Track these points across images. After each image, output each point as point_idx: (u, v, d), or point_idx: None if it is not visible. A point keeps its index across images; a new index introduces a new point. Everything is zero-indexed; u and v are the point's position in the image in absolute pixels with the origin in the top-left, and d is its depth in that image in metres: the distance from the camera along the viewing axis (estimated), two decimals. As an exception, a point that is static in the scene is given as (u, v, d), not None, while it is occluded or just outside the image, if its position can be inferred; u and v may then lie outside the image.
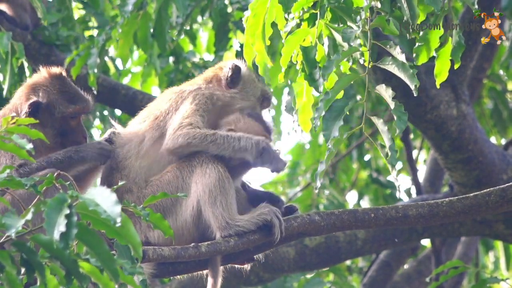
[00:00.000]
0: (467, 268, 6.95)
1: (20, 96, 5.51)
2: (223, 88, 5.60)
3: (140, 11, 8.07)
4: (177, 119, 5.36)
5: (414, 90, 4.78)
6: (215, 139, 5.24)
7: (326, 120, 4.82)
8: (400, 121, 4.77)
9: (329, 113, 4.84)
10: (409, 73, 4.83)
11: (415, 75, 4.81)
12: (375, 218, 5.25)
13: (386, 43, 4.92)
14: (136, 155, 5.36)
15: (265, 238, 5.13)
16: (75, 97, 5.50)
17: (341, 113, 4.83)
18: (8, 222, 3.52)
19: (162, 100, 5.57)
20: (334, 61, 4.87)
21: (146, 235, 5.21)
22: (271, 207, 5.15)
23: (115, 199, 3.55)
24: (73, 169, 5.29)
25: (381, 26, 4.91)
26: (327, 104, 4.84)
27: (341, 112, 4.83)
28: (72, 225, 3.47)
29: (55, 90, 5.48)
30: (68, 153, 5.32)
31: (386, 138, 4.79)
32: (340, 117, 4.82)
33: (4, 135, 3.94)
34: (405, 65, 4.84)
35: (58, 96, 5.46)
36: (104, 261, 3.54)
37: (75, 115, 5.49)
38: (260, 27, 5.29)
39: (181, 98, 5.48)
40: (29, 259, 3.54)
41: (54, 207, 3.51)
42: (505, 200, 5.28)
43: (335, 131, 4.79)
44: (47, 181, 3.90)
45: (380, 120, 4.85)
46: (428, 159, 10.64)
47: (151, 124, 5.43)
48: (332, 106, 4.85)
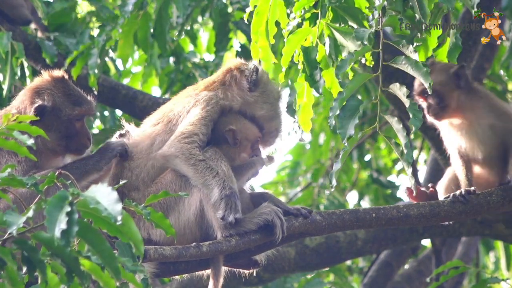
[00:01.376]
0: (468, 268, 6.94)
1: (23, 100, 5.46)
2: (244, 92, 5.54)
3: (141, 11, 8.07)
4: (182, 126, 5.36)
5: (428, 88, 4.82)
6: (197, 165, 5.19)
7: (341, 119, 4.86)
8: (415, 119, 4.81)
9: (343, 112, 4.88)
10: (422, 71, 4.86)
11: (428, 73, 4.84)
12: (377, 218, 5.25)
13: (398, 42, 4.94)
14: (147, 156, 5.37)
15: (267, 238, 5.13)
16: (80, 100, 5.50)
17: (356, 112, 4.88)
18: (9, 220, 3.53)
19: (178, 101, 5.55)
20: (347, 60, 4.91)
21: (149, 233, 5.21)
22: (273, 207, 5.14)
23: (116, 197, 3.56)
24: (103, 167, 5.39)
25: (393, 26, 4.94)
26: (341, 103, 4.86)
27: (356, 110, 4.88)
28: (73, 223, 3.47)
29: (59, 93, 5.46)
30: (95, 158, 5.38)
31: (401, 136, 4.83)
32: (355, 116, 4.87)
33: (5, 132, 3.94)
34: (418, 64, 4.87)
35: (63, 99, 5.45)
36: (105, 259, 3.55)
37: (80, 117, 5.49)
38: (263, 25, 5.28)
39: (196, 102, 5.45)
40: (31, 257, 3.54)
41: (55, 204, 3.52)
42: (506, 200, 5.30)
43: (350, 130, 4.84)
44: (48, 180, 3.90)
45: (395, 119, 4.89)
46: (429, 159, 10.64)
47: (164, 128, 5.44)
48: (346, 105, 4.89)
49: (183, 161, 5.22)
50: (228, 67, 5.64)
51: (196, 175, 5.19)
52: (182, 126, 5.36)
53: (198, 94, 5.49)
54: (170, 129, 5.41)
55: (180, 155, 5.23)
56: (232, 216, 5.05)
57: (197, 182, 5.19)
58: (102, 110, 9.21)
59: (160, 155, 5.30)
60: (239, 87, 5.53)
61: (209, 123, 5.39)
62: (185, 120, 5.39)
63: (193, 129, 5.32)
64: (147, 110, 6.36)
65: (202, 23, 10.05)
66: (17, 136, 3.98)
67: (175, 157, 5.25)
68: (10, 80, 7.56)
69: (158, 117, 5.53)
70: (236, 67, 5.59)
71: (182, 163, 5.22)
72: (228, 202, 5.07)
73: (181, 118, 5.42)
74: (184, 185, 5.22)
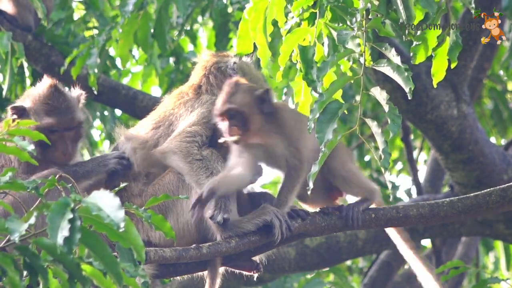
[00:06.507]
0: (468, 268, 6.94)
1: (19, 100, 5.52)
2: None
3: (141, 11, 8.07)
4: (183, 124, 5.35)
5: (408, 93, 4.69)
6: (193, 163, 5.19)
7: (321, 122, 4.72)
8: (394, 124, 4.68)
9: (323, 115, 4.74)
10: (404, 76, 4.75)
11: (410, 78, 4.72)
12: (376, 218, 5.25)
13: (381, 45, 4.87)
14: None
15: (266, 239, 5.12)
16: (53, 111, 5.35)
17: (335, 116, 4.72)
18: (12, 227, 3.49)
19: (178, 103, 5.52)
20: (329, 62, 4.81)
21: (148, 235, 5.21)
22: (271, 208, 5.13)
23: (118, 203, 3.52)
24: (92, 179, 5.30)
25: (377, 28, 4.88)
26: (321, 106, 4.77)
27: (335, 114, 4.72)
28: (76, 230, 3.44)
29: (40, 99, 5.38)
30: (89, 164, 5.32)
31: (380, 141, 4.71)
32: (334, 120, 4.72)
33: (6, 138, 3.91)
34: (400, 68, 4.76)
35: (39, 106, 5.35)
36: (107, 265, 3.52)
37: (51, 128, 5.31)
38: (261, 22, 5.25)
39: (197, 104, 5.44)
40: (32, 263, 3.51)
41: (57, 211, 3.48)
42: (506, 200, 5.28)
43: (328, 134, 4.69)
44: (49, 184, 3.86)
45: (374, 123, 4.78)
46: (429, 160, 10.64)
47: (166, 131, 5.43)
48: (327, 108, 4.75)
49: (181, 158, 5.22)
50: (204, 66, 5.61)
51: (191, 173, 5.19)
52: (183, 125, 5.36)
53: (199, 99, 5.47)
54: (172, 131, 5.41)
55: (179, 152, 5.23)
56: (221, 216, 5.03)
57: (190, 179, 5.20)
58: (102, 110, 9.21)
59: (159, 151, 5.30)
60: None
61: (210, 126, 5.36)
62: (186, 120, 5.38)
63: (195, 129, 5.32)
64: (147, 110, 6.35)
65: (202, 23, 10.05)
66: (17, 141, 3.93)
67: (173, 153, 5.24)
68: (10, 80, 7.56)
69: (159, 120, 5.50)
70: (213, 66, 5.56)
71: (179, 159, 5.21)
72: (218, 201, 5.06)
73: (182, 117, 5.41)
74: (181, 185, 5.22)
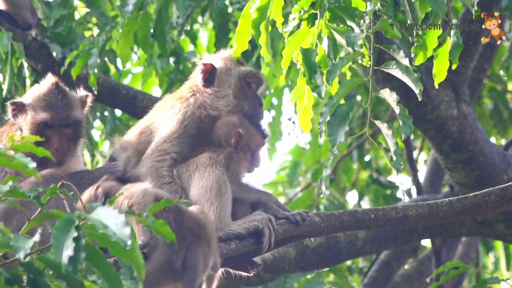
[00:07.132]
0: (468, 268, 6.94)
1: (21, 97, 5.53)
2: (203, 91, 5.46)
3: (141, 11, 8.07)
4: (156, 142, 5.33)
5: (418, 94, 4.73)
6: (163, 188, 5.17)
7: (331, 125, 4.76)
8: (405, 126, 4.72)
9: (334, 118, 4.79)
10: (413, 77, 4.79)
11: (419, 79, 4.77)
12: (375, 219, 5.25)
13: (389, 47, 4.89)
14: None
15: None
16: (50, 106, 5.36)
17: (345, 118, 4.78)
18: (17, 244, 3.42)
19: (159, 112, 5.50)
20: (338, 65, 4.83)
21: None
22: (265, 215, 5.12)
23: (123, 220, 3.45)
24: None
25: (384, 30, 4.88)
26: (331, 109, 4.80)
27: (345, 117, 4.79)
28: (81, 249, 3.37)
29: (39, 95, 5.40)
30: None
31: (391, 143, 4.74)
32: (345, 122, 4.78)
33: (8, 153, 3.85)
34: (409, 69, 4.80)
35: (36, 102, 5.37)
36: (111, 283, 3.46)
37: (45, 123, 5.32)
38: (264, 21, 5.24)
39: (171, 113, 5.40)
40: (36, 279, 3.45)
41: (61, 229, 3.41)
42: (505, 200, 5.28)
43: (340, 137, 4.74)
44: (51, 192, 3.83)
45: (385, 125, 4.80)
46: (429, 159, 10.64)
47: (150, 139, 5.40)
48: (337, 111, 4.81)
49: (152, 181, 5.18)
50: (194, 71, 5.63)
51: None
52: (154, 143, 5.33)
53: (174, 107, 5.43)
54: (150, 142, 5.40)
55: (149, 176, 5.22)
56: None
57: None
58: (102, 110, 9.21)
59: (134, 174, 5.31)
60: (198, 89, 5.46)
61: (185, 140, 5.33)
62: (159, 134, 5.36)
63: (166, 147, 5.30)
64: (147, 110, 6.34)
65: (202, 23, 10.05)
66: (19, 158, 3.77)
67: (145, 177, 5.22)
68: (10, 80, 7.56)
69: (146, 127, 5.47)
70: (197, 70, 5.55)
71: (152, 183, 5.18)
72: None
73: (159, 130, 5.38)
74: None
